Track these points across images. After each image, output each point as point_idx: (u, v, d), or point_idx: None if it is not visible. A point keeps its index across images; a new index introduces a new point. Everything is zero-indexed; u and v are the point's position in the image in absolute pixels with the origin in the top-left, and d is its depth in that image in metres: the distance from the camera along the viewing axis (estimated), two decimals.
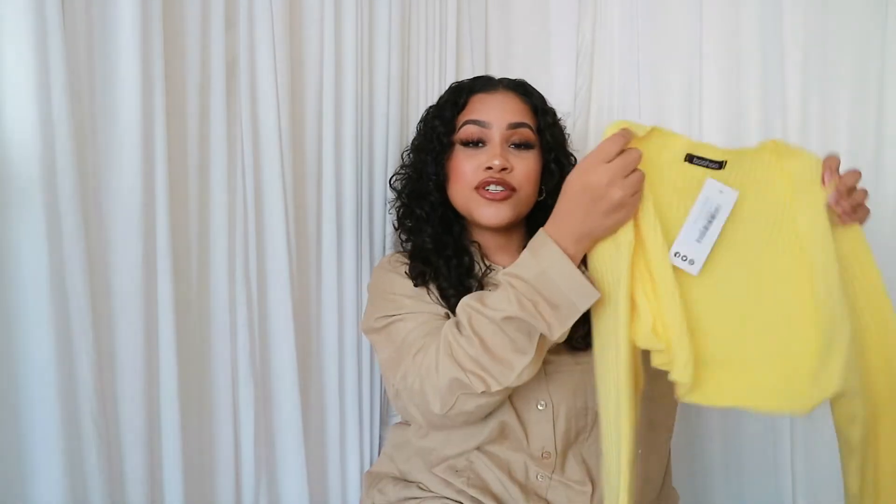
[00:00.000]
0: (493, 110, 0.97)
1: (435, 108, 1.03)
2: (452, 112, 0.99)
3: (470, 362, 0.78)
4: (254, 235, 1.02)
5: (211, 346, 0.99)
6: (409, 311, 0.92)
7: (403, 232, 1.06)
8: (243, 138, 1.00)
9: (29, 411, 0.77)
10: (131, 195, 0.85)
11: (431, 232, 1.00)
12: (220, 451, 1.00)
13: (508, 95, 1.00)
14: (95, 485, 0.81)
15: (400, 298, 0.95)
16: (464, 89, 1.01)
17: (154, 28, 0.85)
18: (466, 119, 0.97)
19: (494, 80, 1.03)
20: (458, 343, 0.79)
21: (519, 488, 0.93)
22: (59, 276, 0.77)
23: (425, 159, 1.00)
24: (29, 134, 0.74)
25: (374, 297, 1.01)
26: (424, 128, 1.03)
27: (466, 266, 0.97)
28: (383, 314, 0.94)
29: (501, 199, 0.95)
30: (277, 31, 1.01)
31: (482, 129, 0.96)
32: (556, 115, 1.04)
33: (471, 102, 0.99)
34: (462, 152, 0.97)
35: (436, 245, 0.99)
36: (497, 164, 0.93)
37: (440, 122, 0.99)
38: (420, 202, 1.02)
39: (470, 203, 0.97)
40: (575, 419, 0.92)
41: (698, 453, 1.36)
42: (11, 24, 0.73)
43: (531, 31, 1.39)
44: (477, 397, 0.79)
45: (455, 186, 0.99)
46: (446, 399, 0.81)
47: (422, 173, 1.01)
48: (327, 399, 1.14)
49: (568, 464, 0.92)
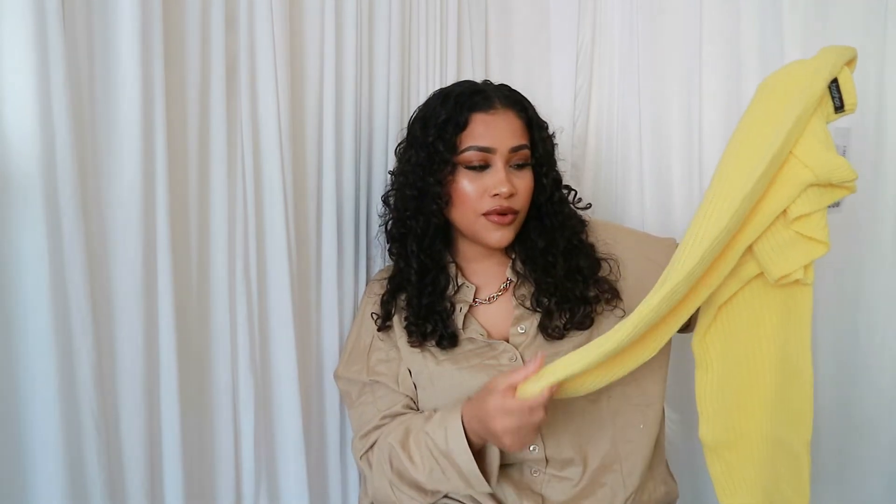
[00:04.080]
0: (497, 134, 0.95)
1: (434, 127, 0.96)
2: (454, 132, 0.95)
3: (389, 485, 0.94)
4: (254, 235, 1.01)
5: (211, 346, 0.99)
6: (365, 382, 1.02)
7: (393, 246, 1.04)
8: (243, 138, 1.00)
9: (29, 411, 0.77)
10: (131, 195, 0.85)
11: (418, 250, 0.99)
12: (220, 451, 1.00)
13: (508, 115, 0.96)
14: (95, 484, 0.81)
15: (363, 361, 1.03)
16: (462, 105, 0.96)
17: (154, 28, 0.85)
18: (471, 144, 0.94)
19: (491, 96, 0.97)
20: (384, 467, 0.94)
21: (513, 488, 0.94)
22: (59, 276, 0.77)
23: (427, 179, 0.96)
24: (29, 134, 0.74)
25: (348, 340, 1.09)
26: (423, 146, 0.97)
27: (441, 287, 1.00)
28: (343, 375, 1.05)
29: (508, 222, 0.96)
30: (277, 31, 1.00)
31: (486, 154, 0.94)
32: (546, 127, 1.02)
33: (472, 123, 0.95)
34: (465, 175, 0.95)
35: (420, 267, 0.99)
36: (504, 192, 0.93)
37: (443, 145, 0.94)
38: (418, 220, 0.98)
39: (475, 226, 0.96)
40: (560, 407, 0.94)
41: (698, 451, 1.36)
42: (11, 25, 0.73)
43: (531, 31, 1.39)
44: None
45: (460, 210, 0.96)
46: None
47: (424, 192, 0.97)
48: (327, 399, 1.14)
49: (562, 448, 0.95)
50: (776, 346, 0.81)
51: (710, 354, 0.85)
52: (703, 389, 0.86)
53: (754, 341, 0.83)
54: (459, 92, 0.98)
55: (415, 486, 0.92)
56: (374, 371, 1.01)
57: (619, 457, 0.96)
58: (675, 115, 1.33)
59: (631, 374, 0.95)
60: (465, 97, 0.97)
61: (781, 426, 0.82)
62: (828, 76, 0.73)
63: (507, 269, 1.03)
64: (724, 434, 0.85)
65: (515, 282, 1.01)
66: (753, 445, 0.84)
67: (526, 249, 1.00)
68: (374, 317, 1.04)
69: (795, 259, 0.76)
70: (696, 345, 0.86)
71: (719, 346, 0.85)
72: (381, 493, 0.95)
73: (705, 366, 0.86)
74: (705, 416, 0.86)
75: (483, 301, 1.02)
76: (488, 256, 1.04)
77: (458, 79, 1.28)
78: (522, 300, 0.99)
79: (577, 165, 1.40)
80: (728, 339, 0.84)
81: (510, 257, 1.03)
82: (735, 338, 0.84)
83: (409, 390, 1.00)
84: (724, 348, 0.85)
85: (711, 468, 0.87)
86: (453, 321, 0.99)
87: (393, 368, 1.01)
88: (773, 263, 0.77)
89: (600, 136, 1.39)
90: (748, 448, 0.85)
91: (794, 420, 0.81)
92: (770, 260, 0.77)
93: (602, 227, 1.05)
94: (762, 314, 0.82)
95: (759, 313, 0.82)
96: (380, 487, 0.95)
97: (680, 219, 1.32)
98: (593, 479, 0.95)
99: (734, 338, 0.84)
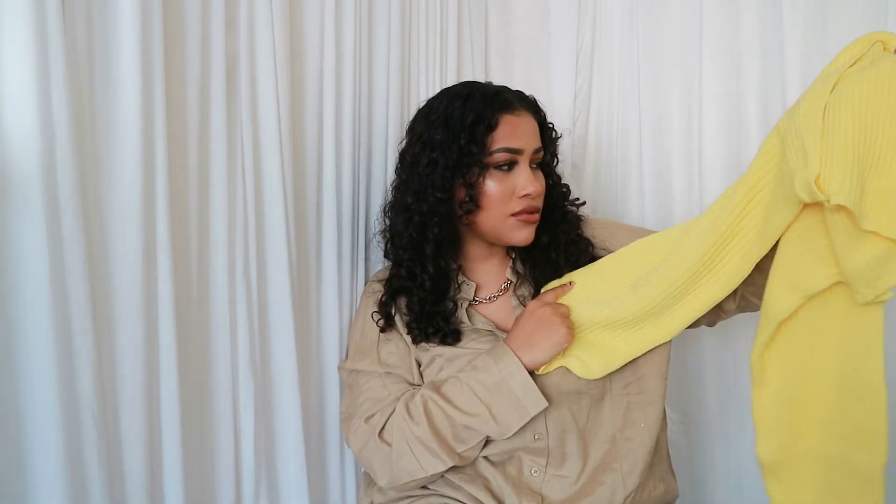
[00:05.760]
0: (523, 136, 0.95)
1: (464, 129, 0.93)
2: (485, 132, 0.93)
3: (418, 445, 0.92)
4: (254, 235, 1.01)
5: (211, 345, 0.99)
6: (375, 373, 1.01)
7: (406, 254, 0.99)
8: (243, 138, 1.00)
9: (29, 410, 0.77)
10: (131, 194, 0.85)
11: (435, 255, 0.97)
12: (220, 451, 1.00)
13: (529, 117, 0.98)
14: (95, 484, 0.81)
15: (373, 355, 1.02)
16: (489, 106, 0.94)
17: (154, 28, 0.85)
18: (502, 146, 0.93)
19: (511, 98, 0.97)
20: (409, 427, 0.92)
21: (512, 487, 0.94)
22: (59, 276, 0.77)
23: (456, 181, 0.94)
24: (29, 134, 0.74)
25: (351, 339, 1.09)
26: (451, 148, 0.93)
27: (443, 289, 0.99)
28: (352, 368, 1.03)
29: (534, 221, 0.97)
30: (277, 31, 1.00)
31: (515, 154, 0.95)
32: (553, 128, 1.04)
33: (501, 124, 0.94)
34: (493, 176, 0.95)
35: (436, 272, 0.98)
36: (534, 192, 0.95)
37: (476, 147, 0.92)
38: (443, 225, 0.96)
39: (503, 227, 0.96)
40: (566, 402, 0.96)
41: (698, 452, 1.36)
42: (11, 24, 0.73)
43: (531, 31, 1.39)
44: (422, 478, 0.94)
45: (488, 211, 0.95)
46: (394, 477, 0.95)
47: (452, 195, 0.95)
48: (327, 399, 1.14)
49: (565, 443, 0.96)
50: (837, 363, 0.77)
51: (770, 371, 0.82)
52: (762, 407, 0.82)
53: (815, 358, 0.79)
54: (482, 93, 0.96)
55: (445, 445, 0.92)
56: (387, 363, 1.00)
57: (618, 455, 0.96)
58: (675, 115, 1.33)
59: (632, 372, 0.96)
60: (490, 98, 0.95)
61: (849, 448, 0.77)
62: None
63: (508, 270, 1.03)
64: (783, 454, 0.81)
65: (515, 282, 1.02)
66: (810, 468, 0.81)
67: (528, 248, 1.01)
68: (374, 317, 1.04)
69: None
70: (754, 360, 0.83)
71: (779, 364, 0.81)
72: (407, 466, 0.92)
73: (763, 382, 0.82)
74: (763, 433, 0.82)
75: (483, 300, 1.03)
76: (490, 256, 1.04)
77: (458, 79, 1.28)
78: (523, 300, 1.00)
79: (577, 165, 1.40)
80: (789, 356, 0.81)
81: (510, 258, 1.04)
82: (796, 355, 0.80)
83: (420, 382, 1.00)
84: (784, 365, 0.81)
85: (770, 490, 0.83)
86: (456, 318, 1.00)
87: (406, 361, 1.01)
88: (868, 284, 0.71)
89: (600, 136, 1.40)
90: (808, 470, 0.81)
91: (866, 441, 0.76)
92: (864, 280, 0.71)
93: (598, 224, 1.07)
94: (825, 331, 0.78)
95: (822, 330, 0.78)
96: (406, 460, 0.92)
97: (680, 219, 1.32)
98: (593, 477, 0.95)
99: (795, 355, 0.80)
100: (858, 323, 0.75)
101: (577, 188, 1.07)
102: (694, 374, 1.35)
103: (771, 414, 0.82)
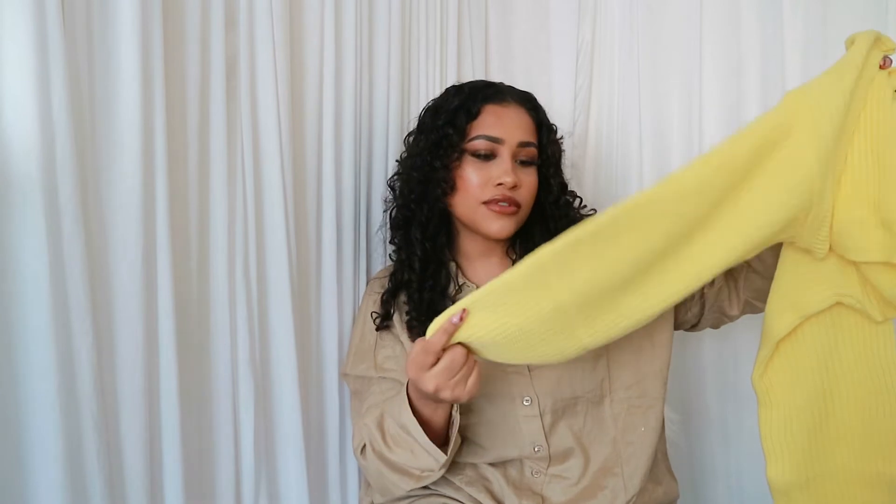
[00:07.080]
0: (506, 126, 0.97)
1: (445, 113, 0.98)
2: (466, 119, 0.97)
3: (385, 469, 0.90)
4: (254, 235, 1.01)
5: (211, 345, 0.99)
6: (373, 378, 1.00)
7: (396, 235, 1.04)
8: (243, 138, 1.00)
9: (29, 410, 0.77)
10: (131, 195, 0.85)
11: (422, 237, 0.99)
12: (220, 450, 1.00)
13: (519, 111, 0.99)
14: (95, 485, 0.81)
15: (370, 359, 1.02)
16: (475, 96, 0.98)
17: (154, 28, 0.85)
18: (480, 133, 0.96)
19: (504, 91, 1.01)
20: (373, 452, 0.91)
21: (512, 489, 0.94)
22: (59, 276, 0.77)
23: (434, 164, 0.98)
24: (29, 133, 0.74)
25: (351, 342, 1.08)
26: (433, 131, 0.99)
27: (443, 285, 1.00)
28: (353, 373, 1.03)
29: (509, 213, 0.96)
30: (277, 31, 1.00)
31: (494, 144, 0.96)
32: (555, 131, 1.04)
33: (484, 113, 0.97)
34: (471, 163, 0.97)
35: (423, 254, 0.99)
36: (508, 182, 0.94)
37: (453, 130, 0.96)
38: (422, 206, 1.00)
39: (476, 215, 0.97)
40: (563, 410, 0.96)
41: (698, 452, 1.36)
42: (11, 24, 0.73)
43: (531, 31, 1.39)
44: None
45: (462, 196, 0.98)
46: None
47: (429, 176, 0.98)
48: (327, 398, 1.14)
49: (559, 437, 0.96)
50: (857, 381, 0.77)
51: (774, 391, 0.81)
52: (769, 428, 0.81)
53: (829, 379, 0.78)
54: (473, 85, 1.02)
55: (398, 469, 0.90)
56: (382, 367, 1.01)
57: (620, 459, 0.96)
58: (675, 115, 1.33)
59: (633, 375, 0.97)
60: (478, 89, 1.00)
61: (884, 463, 0.77)
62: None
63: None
64: (795, 475, 0.80)
65: None
66: (836, 486, 0.79)
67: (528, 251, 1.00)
68: (373, 316, 1.04)
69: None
70: (756, 381, 0.82)
71: (784, 383, 0.80)
72: (385, 486, 0.93)
73: (769, 403, 0.81)
74: (773, 456, 0.81)
75: None
76: (489, 256, 1.04)
77: (458, 79, 1.28)
78: None
79: (577, 165, 1.39)
80: (794, 375, 0.80)
81: (511, 259, 1.03)
82: (805, 375, 0.79)
83: None
84: (789, 385, 0.80)
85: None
86: None
87: (401, 363, 1.01)
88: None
89: (600, 136, 1.39)
90: (822, 489, 0.80)
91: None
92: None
93: None
94: (836, 351, 0.77)
95: (832, 350, 0.77)
96: (382, 480, 0.93)
97: None
98: (594, 481, 0.95)
99: (804, 375, 0.79)
100: (876, 339, 0.75)
101: (577, 188, 1.07)
102: (694, 375, 1.35)
103: (780, 435, 0.80)
